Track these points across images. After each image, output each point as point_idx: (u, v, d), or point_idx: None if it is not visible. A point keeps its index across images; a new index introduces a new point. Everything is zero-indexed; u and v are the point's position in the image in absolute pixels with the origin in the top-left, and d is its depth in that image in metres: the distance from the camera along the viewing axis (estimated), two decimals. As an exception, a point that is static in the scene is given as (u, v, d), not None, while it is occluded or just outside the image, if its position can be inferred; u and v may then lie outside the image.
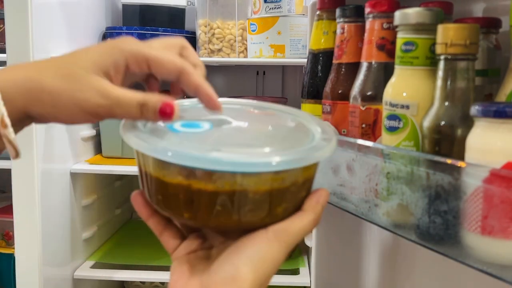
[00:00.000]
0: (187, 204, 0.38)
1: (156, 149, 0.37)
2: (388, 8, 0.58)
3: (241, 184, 0.37)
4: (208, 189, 0.37)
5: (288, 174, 0.39)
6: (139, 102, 0.39)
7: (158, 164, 0.39)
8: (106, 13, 1.45)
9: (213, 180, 0.37)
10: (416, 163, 0.48)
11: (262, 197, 0.38)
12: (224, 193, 0.37)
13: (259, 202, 0.38)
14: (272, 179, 0.38)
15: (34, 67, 0.39)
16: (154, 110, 0.39)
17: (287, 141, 0.43)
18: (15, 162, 1.08)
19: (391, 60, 0.56)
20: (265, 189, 0.38)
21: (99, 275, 1.29)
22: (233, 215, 0.38)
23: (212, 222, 0.39)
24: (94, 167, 1.28)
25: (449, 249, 0.45)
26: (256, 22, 1.29)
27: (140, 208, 0.44)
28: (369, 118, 0.59)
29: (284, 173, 0.38)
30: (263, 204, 0.38)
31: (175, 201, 0.39)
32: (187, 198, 0.38)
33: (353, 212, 0.58)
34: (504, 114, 0.41)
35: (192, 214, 0.39)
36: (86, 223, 1.36)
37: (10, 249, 1.38)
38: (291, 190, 0.40)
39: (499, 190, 0.40)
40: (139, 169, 0.42)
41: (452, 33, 0.46)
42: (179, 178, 0.38)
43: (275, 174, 0.38)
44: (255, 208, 0.38)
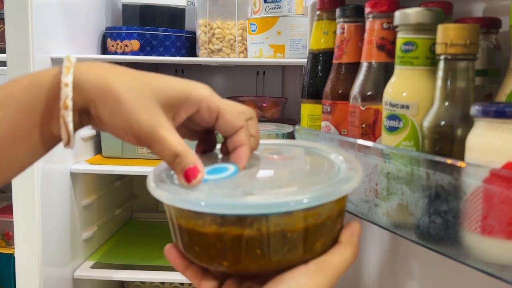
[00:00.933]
0: (225, 252, 0.38)
1: (189, 201, 0.37)
2: (388, 8, 0.58)
3: (277, 225, 0.37)
4: (245, 234, 0.37)
5: (323, 208, 0.38)
6: (174, 153, 0.40)
7: (191, 215, 0.38)
8: (106, 13, 1.45)
9: (249, 224, 0.37)
10: (416, 163, 0.48)
11: (300, 235, 0.38)
12: (261, 236, 0.37)
13: (297, 240, 0.38)
14: (307, 216, 0.38)
15: (113, 70, 0.41)
16: (182, 168, 0.40)
17: (315, 176, 0.43)
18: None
19: (391, 60, 0.56)
20: (302, 227, 0.38)
21: (99, 275, 1.29)
22: (273, 257, 0.38)
23: (253, 267, 0.38)
24: (94, 167, 1.28)
25: (449, 249, 0.45)
26: (256, 22, 1.29)
27: (176, 261, 0.43)
28: (369, 118, 0.59)
29: (318, 208, 0.38)
30: (301, 241, 0.38)
31: (213, 251, 0.38)
32: (224, 246, 0.38)
33: (353, 212, 0.58)
34: (504, 114, 0.41)
35: (232, 261, 0.38)
36: (86, 223, 1.36)
37: (10, 249, 1.38)
38: (327, 224, 0.39)
39: (499, 190, 0.40)
40: (171, 222, 0.42)
41: (452, 33, 0.46)
42: (214, 227, 0.37)
43: (309, 211, 0.37)
44: (294, 246, 0.38)
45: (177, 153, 0.40)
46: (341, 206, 0.41)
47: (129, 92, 0.40)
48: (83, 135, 1.32)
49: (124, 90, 0.40)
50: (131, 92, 0.40)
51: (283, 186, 0.41)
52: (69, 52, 1.22)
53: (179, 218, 0.40)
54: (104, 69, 0.41)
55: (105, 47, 1.38)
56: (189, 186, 0.39)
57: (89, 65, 0.41)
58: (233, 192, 0.39)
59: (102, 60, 1.35)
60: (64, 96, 0.39)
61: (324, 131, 0.67)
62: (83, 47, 1.32)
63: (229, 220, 0.37)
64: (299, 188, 0.39)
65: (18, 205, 1.10)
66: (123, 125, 0.40)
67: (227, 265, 0.39)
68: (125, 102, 0.39)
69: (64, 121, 0.40)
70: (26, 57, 1.05)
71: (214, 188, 0.40)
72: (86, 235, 1.34)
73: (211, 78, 1.72)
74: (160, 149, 0.40)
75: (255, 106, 1.48)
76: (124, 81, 0.40)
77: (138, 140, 0.40)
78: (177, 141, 0.40)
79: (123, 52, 1.32)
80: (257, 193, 0.38)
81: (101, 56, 1.36)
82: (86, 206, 1.34)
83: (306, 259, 0.39)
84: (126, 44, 1.33)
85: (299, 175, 0.45)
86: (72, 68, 0.40)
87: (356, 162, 0.43)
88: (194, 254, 0.40)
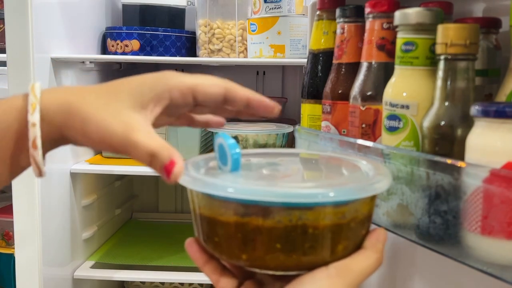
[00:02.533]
0: (245, 244, 0.37)
1: (215, 186, 0.37)
2: (388, 8, 0.58)
3: (299, 219, 0.36)
4: (266, 225, 0.36)
5: (348, 208, 0.38)
6: (149, 154, 0.39)
7: (214, 204, 0.38)
8: (106, 13, 1.45)
9: (271, 216, 0.36)
10: (416, 163, 0.48)
11: (322, 232, 0.37)
12: (282, 229, 0.36)
13: (319, 238, 0.37)
14: (331, 213, 0.37)
15: (77, 92, 0.41)
16: (160, 166, 0.39)
17: (342, 177, 0.43)
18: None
19: (391, 60, 0.56)
20: (325, 224, 0.37)
21: (99, 275, 1.29)
22: (292, 253, 0.37)
23: (271, 262, 0.38)
24: (94, 167, 1.28)
25: (449, 249, 0.45)
26: (256, 22, 1.29)
27: (196, 255, 0.43)
28: (369, 118, 0.59)
29: (344, 207, 0.37)
30: (323, 240, 0.37)
31: (233, 242, 0.38)
32: (245, 237, 0.37)
33: (353, 212, 0.58)
34: (504, 114, 0.41)
35: (251, 254, 0.38)
36: (86, 223, 1.36)
37: (10, 249, 1.38)
38: (351, 226, 0.38)
39: (499, 190, 0.40)
40: (193, 213, 0.42)
41: (452, 33, 0.46)
42: (236, 217, 0.37)
43: (334, 208, 0.37)
44: (315, 245, 0.37)
45: (152, 153, 0.39)
46: (368, 210, 0.40)
47: (95, 109, 0.39)
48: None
49: (89, 108, 0.39)
50: (97, 108, 0.39)
51: (308, 181, 0.41)
52: (69, 52, 1.22)
53: (201, 208, 0.39)
54: (67, 93, 0.40)
55: (105, 47, 1.38)
56: (170, 181, 0.39)
57: (53, 92, 0.40)
58: (258, 182, 0.39)
59: (102, 60, 1.35)
60: (32, 136, 0.38)
61: (324, 131, 0.67)
62: (83, 47, 1.32)
63: (252, 210, 0.36)
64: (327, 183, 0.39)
65: (18, 205, 1.10)
66: (97, 142, 0.39)
67: (246, 258, 0.38)
68: (92, 119, 0.39)
69: (35, 160, 0.39)
70: (26, 57, 1.05)
71: (239, 178, 0.40)
72: (86, 235, 1.34)
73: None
74: (136, 154, 0.39)
75: (255, 106, 1.48)
76: (89, 100, 0.40)
77: (116, 151, 0.40)
78: (152, 140, 0.39)
79: (123, 52, 1.32)
80: (282, 185, 0.38)
81: (101, 56, 1.36)
82: (86, 206, 1.34)
83: (327, 261, 0.38)
84: (126, 44, 1.33)
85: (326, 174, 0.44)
86: (37, 105, 0.39)
87: (385, 168, 0.43)
88: (214, 246, 0.40)
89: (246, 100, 0.44)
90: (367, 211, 0.40)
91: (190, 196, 0.41)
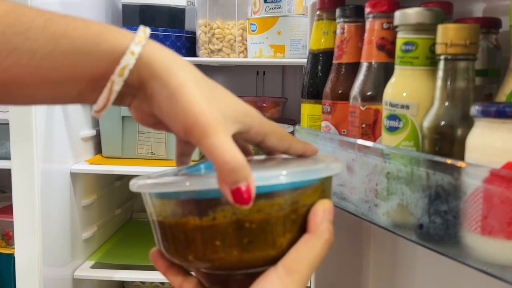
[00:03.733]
0: (188, 244, 0.38)
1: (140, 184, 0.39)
2: (388, 8, 0.58)
3: (234, 214, 0.36)
4: (203, 224, 0.37)
5: (284, 199, 0.37)
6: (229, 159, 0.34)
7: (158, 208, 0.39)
8: (106, 13, 1.45)
9: (204, 213, 0.37)
10: (416, 163, 0.48)
11: (259, 226, 0.36)
12: (219, 226, 0.36)
13: (257, 232, 0.37)
14: (267, 206, 0.36)
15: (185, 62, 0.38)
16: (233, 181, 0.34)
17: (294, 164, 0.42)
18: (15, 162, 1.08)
19: (391, 60, 0.56)
20: (261, 218, 0.36)
21: (99, 275, 1.29)
22: (233, 249, 0.37)
23: (215, 260, 0.38)
24: (94, 167, 1.28)
25: (449, 249, 0.45)
26: (256, 22, 1.29)
27: (157, 262, 0.43)
28: (369, 118, 0.59)
29: (279, 198, 0.37)
30: (261, 235, 0.37)
31: (178, 244, 0.39)
32: (186, 238, 0.38)
33: (353, 212, 0.58)
34: (504, 114, 0.41)
35: (196, 254, 0.38)
36: (86, 223, 1.36)
37: (10, 249, 1.38)
38: (292, 218, 0.38)
39: (499, 190, 0.40)
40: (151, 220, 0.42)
41: (452, 33, 0.46)
42: (176, 218, 0.38)
43: (269, 200, 0.36)
44: (255, 239, 0.37)
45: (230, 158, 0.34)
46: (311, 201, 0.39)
47: (195, 84, 0.37)
48: (83, 135, 1.32)
49: (190, 79, 0.37)
50: (197, 85, 0.37)
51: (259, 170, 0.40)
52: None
53: (153, 214, 0.41)
54: (175, 54, 0.38)
55: (105, 47, 1.38)
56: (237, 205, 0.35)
57: (160, 45, 0.38)
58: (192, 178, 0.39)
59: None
60: (124, 63, 0.36)
61: (324, 131, 0.67)
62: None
63: (187, 209, 0.37)
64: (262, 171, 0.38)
65: (18, 205, 1.10)
66: (178, 112, 0.35)
67: (193, 258, 0.38)
68: (189, 90, 0.36)
69: (111, 88, 0.36)
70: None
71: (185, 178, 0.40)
72: (86, 235, 1.34)
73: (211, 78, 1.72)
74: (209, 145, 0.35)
75: (255, 106, 1.48)
76: (193, 74, 0.38)
77: (188, 132, 0.35)
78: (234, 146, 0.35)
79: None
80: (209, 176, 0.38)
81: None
82: (86, 206, 1.34)
83: (272, 256, 0.37)
84: (126, 44, 1.33)
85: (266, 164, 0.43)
86: (144, 41, 0.37)
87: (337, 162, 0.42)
88: (165, 250, 0.41)
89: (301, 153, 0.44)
90: (310, 202, 0.39)
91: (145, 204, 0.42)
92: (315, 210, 0.39)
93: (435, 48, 0.49)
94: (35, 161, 1.09)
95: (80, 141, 1.31)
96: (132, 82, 0.37)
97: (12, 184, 1.09)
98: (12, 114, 1.09)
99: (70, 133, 1.25)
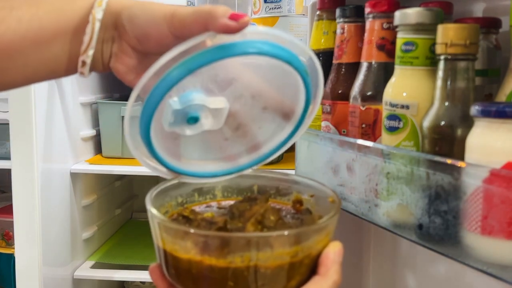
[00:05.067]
0: (199, 280, 0.38)
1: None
2: (388, 8, 0.58)
3: (251, 260, 0.37)
4: (219, 265, 0.37)
5: (301, 247, 0.38)
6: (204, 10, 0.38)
7: (170, 239, 0.39)
8: (106, 13, 1.45)
9: (224, 255, 0.37)
10: (416, 163, 0.48)
11: (275, 271, 0.37)
12: (235, 269, 0.37)
13: (272, 277, 0.37)
14: (285, 254, 0.37)
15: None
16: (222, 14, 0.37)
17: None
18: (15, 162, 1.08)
19: (391, 60, 0.56)
20: (277, 264, 0.37)
21: (99, 275, 1.29)
22: None
23: None
24: (94, 167, 1.28)
25: (449, 249, 0.45)
26: (256, 22, 1.29)
27: (158, 281, 0.43)
28: (369, 118, 0.59)
29: (297, 247, 0.38)
30: (276, 278, 0.38)
31: (188, 277, 0.39)
32: (199, 274, 0.38)
33: (353, 212, 0.58)
34: (504, 114, 0.41)
35: None
36: (86, 223, 1.36)
37: (10, 249, 1.38)
38: (305, 263, 0.39)
39: (499, 190, 0.40)
40: (155, 243, 0.42)
41: (452, 33, 0.46)
42: (191, 254, 0.38)
43: (288, 248, 0.37)
44: (268, 283, 0.38)
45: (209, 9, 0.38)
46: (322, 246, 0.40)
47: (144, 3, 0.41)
48: (83, 135, 1.32)
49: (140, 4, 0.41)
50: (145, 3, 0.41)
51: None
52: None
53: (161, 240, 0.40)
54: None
55: (105, 47, 1.38)
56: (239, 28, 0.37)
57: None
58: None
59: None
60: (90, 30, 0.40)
61: (324, 131, 0.67)
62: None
63: (206, 248, 0.37)
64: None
65: (18, 205, 1.10)
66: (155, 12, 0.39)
67: None
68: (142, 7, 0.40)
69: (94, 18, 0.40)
70: (26, 57, 1.05)
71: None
72: (86, 235, 1.34)
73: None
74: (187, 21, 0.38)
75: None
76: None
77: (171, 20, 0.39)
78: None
79: (123, 52, 1.32)
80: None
81: None
82: (86, 206, 1.34)
83: None
84: (126, 44, 1.33)
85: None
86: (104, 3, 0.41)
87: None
88: (171, 276, 0.41)
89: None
90: (322, 247, 0.40)
91: (152, 225, 0.42)
92: (327, 253, 0.40)
93: (435, 48, 0.49)
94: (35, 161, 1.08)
95: (80, 141, 1.31)
96: (107, 22, 0.41)
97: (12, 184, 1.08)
98: (12, 114, 1.09)
99: (70, 133, 1.24)
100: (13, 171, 1.08)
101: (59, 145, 1.20)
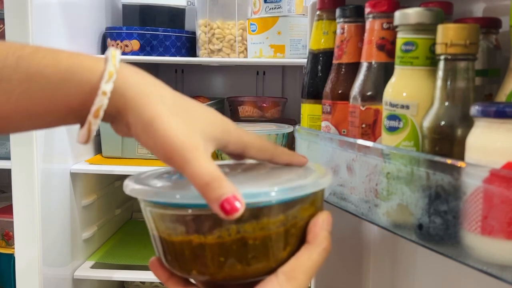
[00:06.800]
0: (192, 260, 0.39)
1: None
2: (388, 8, 0.58)
3: (238, 232, 0.37)
4: (208, 241, 0.38)
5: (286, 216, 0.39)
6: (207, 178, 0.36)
7: (162, 225, 0.40)
8: (106, 13, 1.45)
9: (211, 231, 0.37)
10: (416, 163, 0.48)
11: (263, 243, 0.38)
12: (223, 243, 0.38)
13: (261, 249, 0.38)
14: (271, 223, 0.38)
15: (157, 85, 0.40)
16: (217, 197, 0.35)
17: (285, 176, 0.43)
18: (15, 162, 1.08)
19: (391, 60, 0.56)
20: (265, 235, 0.38)
21: (99, 275, 1.29)
22: (237, 264, 0.38)
23: (219, 274, 0.39)
24: (94, 167, 1.28)
25: (449, 249, 0.45)
26: (256, 22, 1.29)
27: (158, 272, 0.44)
28: (369, 118, 0.59)
29: (282, 216, 0.38)
30: (265, 250, 0.38)
31: (182, 259, 0.40)
32: (192, 255, 0.39)
33: (353, 212, 0.58)
34: (504, 114, 0.41)
35: (199, 269, 0.39)
36: (86, 223, 1.36)
37: (10, 249, 1.38)
38: (292, 232, 0.39)
39: (499, 190, 0.40)
40: (150, 234, 0.43)
41: (452, 33, 0.46)
42: (181, 236, 0.38)
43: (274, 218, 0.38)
44: (258, 255, 0.38)
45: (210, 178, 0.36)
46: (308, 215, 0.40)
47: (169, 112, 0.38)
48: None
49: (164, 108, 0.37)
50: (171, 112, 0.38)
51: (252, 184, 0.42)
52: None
53: (155, 229, 0.41)
54: (146, 80, 0.39)
55: (105, 47, 1.39)
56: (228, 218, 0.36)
57: (132, 71, 0.39)
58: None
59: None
60: (98, 104, 0.37)
61: (324, 131, 0.67)
62: (83, 47, 1.32)
63: (192, 227, 0.38)
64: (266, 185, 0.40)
65: (18, 205, 1.10)
66: (156, 143, 0.37)
67: (196, 273, 0.40)
68: (163, 121, 0.37)
69: (90, 127, 0.38)
70: (26, 57, 1.05)
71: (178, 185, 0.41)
72: (86, 235, 1.34)
73: (211, 78, 1.72)
74: (191, 171, 0.36)
75: (255, 106, 1.48)
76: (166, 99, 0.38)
77: (168, 161, 0.37)
78: (212, 165, 0.37)
79: (123, 52, 1.33)
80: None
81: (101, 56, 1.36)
82: (86, 206, 1.34)
83: (273, 267, 0.39)
84: (126, 44, 1.33)
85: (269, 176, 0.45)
86: (115, 75, 0.38)
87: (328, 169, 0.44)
88: (168, 263, 0.42)
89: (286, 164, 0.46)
90: (308, 217, 0.41)
91: (145, 214, 0.42)
92: (315, 221, 0.41)
93: (435, 48, 0.49)
94: (35, 161, 1.09)
95: (80, 141, 1.31)
96: (109, 111, 0.38)
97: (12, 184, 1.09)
98: (12, 114, 1.09)
99: (70, 133, 1.25)
100: (13, 171, 1.08)
101: (59, 145, 1.20)
